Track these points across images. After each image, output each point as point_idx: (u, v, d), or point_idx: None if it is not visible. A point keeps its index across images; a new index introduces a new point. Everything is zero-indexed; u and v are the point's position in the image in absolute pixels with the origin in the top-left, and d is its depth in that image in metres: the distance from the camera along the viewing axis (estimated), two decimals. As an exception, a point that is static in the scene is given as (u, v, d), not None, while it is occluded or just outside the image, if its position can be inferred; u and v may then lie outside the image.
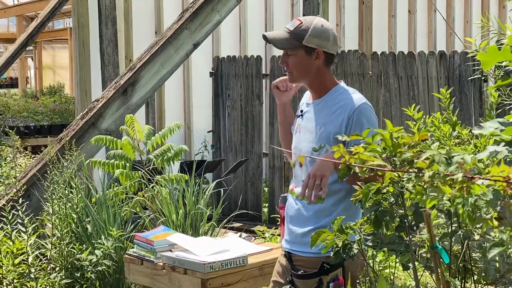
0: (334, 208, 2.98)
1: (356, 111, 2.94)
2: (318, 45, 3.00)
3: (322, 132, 2.99)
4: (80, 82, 8.22)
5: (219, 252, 3.80)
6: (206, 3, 5.74)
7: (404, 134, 1.76)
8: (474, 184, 1.43)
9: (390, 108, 6.69)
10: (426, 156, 1.50)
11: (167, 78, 5.87)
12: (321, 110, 3.04)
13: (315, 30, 2.99)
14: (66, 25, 18.31)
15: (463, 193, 1.40)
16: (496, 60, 2.03)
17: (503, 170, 1.41)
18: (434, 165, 1.47)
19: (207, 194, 4.78)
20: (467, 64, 6.11)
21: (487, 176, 1.41)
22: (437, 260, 1.85)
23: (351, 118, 2.93)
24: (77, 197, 4.81)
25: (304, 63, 3.02)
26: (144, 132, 5.20)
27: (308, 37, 2.98)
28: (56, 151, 5.04)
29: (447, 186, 1.45)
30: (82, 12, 8.21)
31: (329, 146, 2.94)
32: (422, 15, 11.40)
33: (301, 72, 3.04)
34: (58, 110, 12.41)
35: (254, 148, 8.06)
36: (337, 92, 3.05)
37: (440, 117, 3.71)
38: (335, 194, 2.99)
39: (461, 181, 1.41)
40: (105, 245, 4.52)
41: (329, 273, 2.95)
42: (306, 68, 3.02)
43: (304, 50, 3.00)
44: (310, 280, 2.98)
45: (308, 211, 3.03)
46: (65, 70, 19.21)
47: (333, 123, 2.97)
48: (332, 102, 3.02)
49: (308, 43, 2.99)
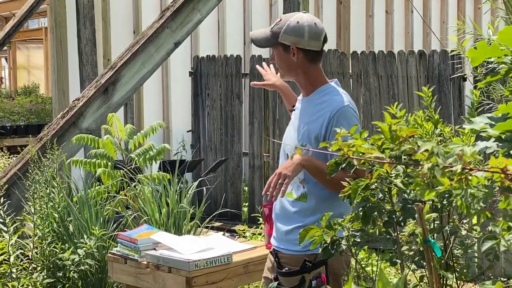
0: (318, 207, 2.99)
1: (337, 113, 2.93)
2: (292, 42, 2.98)
3: (305, 131, 3.00)
4: (58, 82, 8.15)
5: (204, 250, 3.79)
6: (187, 2, 5.73)
7: (402, 126, 1.78)
8: (473, 176, 1.45)
9: (370, 107, 6.73)
10: (425, 148, 1.52)
11: (148, 77, 5.85)
12: (306, 108, 3.05)
13: (288, 27, 2.98)
14: (41, 24, 18.17)
15: (461, 184, 1.42)
16: (486, 56, 2.05)
17: (500, 162, 1.43)
18: (433, 157, 1.49)
19: (190, 193, 4.77)
20: (447, 63, 6.17)
21: (485, 168, 1.43)
22: (430, 254, 1.87)
23: (331, 120, 2.93)
24: (58, 196, 4.78)
25: (284, 60, 3.02)
26: (126, 131, 5.18)
27: (282, 34, 2.98)
28: (37, 150, 5.00)
29: (446, 178, 1.47)
30: (59, 11, 8.15)
31: (310, 145, 2.95)
32: (399, 15, 11.49)
33: (284, 69, 3.06)
34: (34, 110, 12.32)
35: (234, 147, 8.06)
36: (322, 92, 3.04)
37: (422, 115, 3.75)
38: (319, 193, 3.00)
39: (459, 173, 1.43)
40: (88, 244, 4.50)
41: (311, 271, 2.97)
42: (288, 65, 3.02)
43: (282, 48, 3.01)
44: (293, 278, 3.00)
45: (292, 209, 3.05)
46: (39, 70, 19.07)
47: (315, 123, 2.97)
48: (316, 102, 3.02)
49: (283, 40, 2.98)
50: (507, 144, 1.96)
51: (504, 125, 1.93)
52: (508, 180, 1.37)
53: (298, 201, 3.01)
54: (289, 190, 3.04)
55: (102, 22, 8.38)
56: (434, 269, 1.88)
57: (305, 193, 2.99)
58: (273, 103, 7.67)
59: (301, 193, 3.00)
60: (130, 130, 5.23)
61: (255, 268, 3.89)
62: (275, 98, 7.61)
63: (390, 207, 2.39)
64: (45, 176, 4.78)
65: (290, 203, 3.05)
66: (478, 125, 2.00)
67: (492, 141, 1.98)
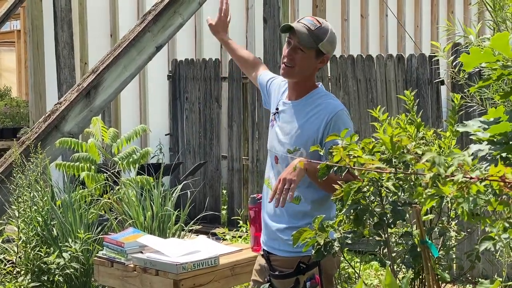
0: (309, 210, 3.03)
1: (334, 117, 2.97)
2: (328, 51, 3.04)
3: (299, 135, 3.01)
4: (35, 85, 8.11)
5: (191, 253, 3.81)
6: (168, 5, 5.75)
7: (403, 137, 1.84)
8: (473, 184, 1.51)
9: (349, 110, 6.78)
10: (426, 158, 1.57)
11: (130, 81, 5.86)
12: (299, 112, 3.06)
13: (331, 36, 3.03)
14: (13, 27, 17.99)
15: (463, 193, 1.48)
16: (479, 61, 2.12)
17: (499, 170, 1.49)
18: (435, 167, 1.54)
19: (174, 196, 4.79)
20: (425, 67, 6.27)
21: (485, 176, 1.49)
22: (427, 254, 1.92)
23: (328, 123, 2.96)
24: (42, 200, 4.77)
25: (310, 63, 3.03)
26: (109, 134, 5.18)
27: (325, 42, 3.01)
28: (20, 153, 4.99)
29: (447, 187, 1.53)
30: (36, 15, 8.11)
31: (304, 149, 2.97)
32: (374, 20, 11.60)
33: (302, 71, 3.05)
34: (9, 114, 12.20)
35: (213, 150, 8.08)
36: (316, 95, 3.08)
37: (404, 118, 3.81)
38: (311, 197, 3.04)
39: (460, 182, 1.49)
40: (73, 248, 4.49)
41: (305, 273, 3.00)
42: (309, 68, 3.05)
43: (315, 52, 3.02)
44: (287, 280, 3.02)
45: (284, 211, 3.06)
46: (11, 73, 18.86)
47: (310, 127, 3.00)
48: (311, 106, 3.04)
49: (323, 48, 3.01)
50: (499, 146, 2.02)
51: (497, 128, 1.99)
52: (507, 187, 1.43)
53: (291, 203, 3.04)
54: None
55: (79, 25, 8.35)
56: (431, 269, 1.93)
57: (298, 197, 3.02)
58: (252, 107, 7.71)
59: (295, 196, 3.03)
60: (114, 134, 5.24)
61: (242, 270, 3.92)
62: (254, 101, 7.66)
63: (380, 210, 2.45)
64: (29, 179, 4.77)
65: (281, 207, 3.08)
66: (471, 128, 2.06)
67: (485, 144, 2.04)
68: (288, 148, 3.00)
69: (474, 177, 1.49)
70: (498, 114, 2.08)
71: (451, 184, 1.50)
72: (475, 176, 1.48)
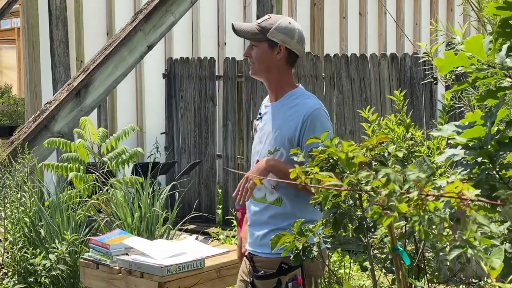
0: (291, 212, 3.00)
1: (310, 116, 2.96)
2: (281, 40, 3.03)
3: (278, 136, 3.02)
4: (30, 84, 8.08)
5: (176, 255, 3.79)
6: (160, 4, 5.71)
7: (358, 153, 1.80)
8: (429, 202, 1.47)
9: (343, 109, 6.76)
10: (382, 175, 1.53)
11: (121, 80, 5.83)
12: (278, 112, 3.07)
13: (280, 25, 3.03)
14: (13, 25, 17.98)
15: (419, 210, 1.44)
16: (453, 65, 2.07)
17: (456, 186, 1.45)
18: (390, 183, 1.51)
19: (162, 196, 4.76)
20: (418, 66, 6.22)
21: (441, 193, 1.45)
22: (398, 262, 1.88)
23: (305, 123, 2.96)
24: (30, 201, 4.74)
25: (265, 56, 3.04)
26: (98, 134, 5.15)
27: (273, 31, 3.02)
28: (8, 154, 4.95)
29: (404, 204, 1.49)
30: (31, 13, 8.07)
31: (283, 149, 2.98)
32: (372, 17, 11.55)
33: (261, 65, 3.06)
34: (6, 112, 12.19)
35: (208, 149, 8.05)
36: (293, 96, 3.07)
37: (394, 119, 3.77)
38: (291, 199, 3.02)
39: (416, 199, 1.45)
40: (59, 249, 4.46)
41: (287, 273, 2.98)
42: (267, 61, 3.05)
43: (267, 44, 3.03)
44: (269, 281, 3.01)
45: (265, 214, 3.06)
46: (12, 70, 18.86)
47: (288, 127, 2.99)
48: (288, 106, 3.04)
49: (273, 37, 3.02)
50: (474, 151, 1.98)
51: (470, 133, 1.95)
52: (464, 205, 1.40)
53: (272, 205, 3.02)
54: (262, 196, 3.05)
55: (74, 23, 8.32)
56: (403, 277, 1.89)
57: (280, 198, 3.01)
58: (247, 106, 7.67)
59: (276, 198, 3.02)
60: (103, 134, 5.20)
61: (228, 273, 3.89)
62: (248, 100, 7.62)
63: (360, 213, 2.41)
64: (16, 180, 4.74)
65: (263, 208, 3.06)
66: (446, 132, 2.02)
67: (459, 149, 2.00)
68: (268, 149, 3.01)
69: (430, 194, 1.45)
70: (475, 118, 2.05)
71: (407, 201, 1.46)
72: (431, 193, 1.44)
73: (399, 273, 1.92)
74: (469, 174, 1.96)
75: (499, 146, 1.95)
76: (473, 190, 1.63)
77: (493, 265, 1.64)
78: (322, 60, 6.98)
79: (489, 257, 1.66)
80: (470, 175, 1.96)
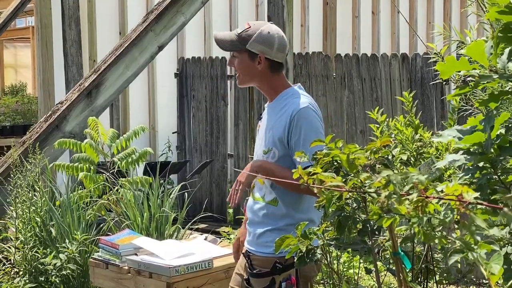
0: (287, 211, 3.04)
1: (296, 115, 2.99)
2: (260, 51, 3.02)
3: (270, 136, 3.06)
4: (43, 83, 8.13)
5: (185, 255, 3.81)
6: (171, 5, 5.73)
7: (360, 154, 1.81)
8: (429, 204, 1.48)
9: (353, 109, 6.76)
10: (382, 177, 1.54)
11: (132, 80, 5.85)
12: (271, 113, 3.12)
13: (259, 36, 3.02)
14: (28, 23, 18.07)
15: (418, 212, 1.45)
16: (454, 70, 2.07)
17: (456, 189, 1.46)
18: (390, 185, 1.51)
19: (172, 196, 4.78)
20: (429, 67, 6.21)
21: (441, 195, 1.46)
22: (400, 266, 1.89)
23: (292, 121, 2.99)
24: (41, 201, 4.77)
25: (247, 66, 3.06)
26: (108, 135, 5.18)
27: (252, 42, 3.02)
28: (20, 154, 5.00)
29: (403, 206, 1.50)
30: (45, 12, 8.12)
31: (275, 149, 3.02)
32: (385, 16, 11.50)
33: (245, 75, 3.10)
34: (20, 111, 12.25)
35: (219, 149, 8.07)
36: (286, 95, 3.10)
37: (402, 120, 3.77)
38: (288, 198, 3.04)
39: (416, 201, 1.46)
40: (70, 249, 4.50)
41: (281, 273, 3.02)
42: (249, 71, 3.07)
43: (247, 54, 3.04)
44: (263, 279, 3.05)
45: (262, 213, 3.10)
46: (27, 69, 18.95)
47: (278, 126, 3.03)
48: (280, 106, 3.08)
49: (251, 48, 3.02)
50: (475, 156, 1.98)
51: (471, 138, 1.95)
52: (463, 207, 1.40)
53: (269, 205, 3.06)
54: (261, 195, 3.09)
55: (87, 23, 8.36)
56: (404, 281, 1.90)
57: (276, 198, 3.05)
58: (258, 105, 7.68)
59: (273, 198, 3.06)
60: (113, 134, 5.23)
61: (236, 273, 3.90)
62: (260, 99, 7.63)
63: (365, 216, 2.42)
64: (28, 180, 4.78)
65: (261, 207, 3.10)
66: (446, 138, 2.02)
67: (460, 154, 2.00)
68: (263, 149, 3.08)
69: (430, 196, 1.45)
70: (476, 122, 2.05)
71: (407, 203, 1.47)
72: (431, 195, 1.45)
73: (400, 277, 1.93)
74: (470, 179, 1.96)
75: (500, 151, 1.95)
76: (472, 193, 1.63)
77: (492, 270, 1.65)
78: (333, 60, 6.98)
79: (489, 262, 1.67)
80: (472, 179, 1.96)
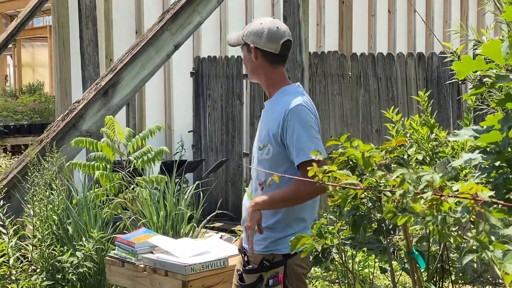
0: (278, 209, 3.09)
1: (290, 112, 3.03)
2: (252, 42, 3.11)
3: (266, 132, 3.11)
4: (60, 82, 8.18)
5: (200, 254, 3.83)
6: (187, 4, 5.75)
7: (375, 153, 1.81)
8: (444, 202, 1.48)
9: (369, 109, 6.75)
10: (397, 175, 1.54)
11: (148, 79, 5.88)
12: (268, 110, 3.18)
13: (252, 27, 3.13)
14: (46, 23, 18.19)
15: (432, 210, 1.45)
16: (471, 69, 2.07)
17: (471, 188, 1.46)
18: (405, 183, 1.52)
19: (187, 195, 4.80)
20: (446, 66, 6.18)
21: (456, 194, 1.46)
22: (414, 266, 1.89)
23: (285, 119, 3.04)
24: (58, 199, 4.81)
25: (247, 60, 3.18)
26: (124, 134, 5.21)
27: (246, 34, 3.13)
28: (37, 152, 5.03)
29: (418, 204, 1.50)
30: (62, 12, 8.17)
31: (270, 145, 3.06)
32: (401, 15, 11.46)
33: (248, 69, 3.22)
34: (38, 109, 12.35)
35: (235, 148, 8.09)
36: (283, 93, 3.14)
37: (418, 119, 3.76)
38: None
39: (431, 199, 1.46)
40: (86, 247, 4.53)
41: (268, 270, 3.10)
42: (250, 65, 3.17)
43: (246, 48, 3.15)
44: (252, 275, 3.14)
45: None
46: (44, 68, 19.09)
47: (273, 123, 3.08)
48: (276, 103, 3.13)
49: (246, 40, 3.13)
50: (491, 156, 1.97)
51: (487, 137, 1.94)
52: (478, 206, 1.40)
53: None
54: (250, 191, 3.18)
55: (104, 22, 8.41)
56: (418, 281, 1.90)
57: None
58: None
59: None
60: (129, 133, 5.26)
61: (251, 272, 3.91)
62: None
63: (380, 215, 2.42)
64: (45, 178, 4.82)
65: None
66: (462, 137, 2.02)
67: (477, 153, 2.00)
68: (259, 145, 3.13)
69: (445, 194, 1.45)
70: (493, 122, 2.04)
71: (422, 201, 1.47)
72: (445, 194, 1.45)
73: (414, 276, 1.93)
74: (487, 178, 1.96)
75: (517, 150, 1.94)
76: (487, 192, 1.63)
77: (506, 270, 1.64)
78: (348, 59, 6.97)
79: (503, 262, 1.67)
80: (488, 178, 1.96)
